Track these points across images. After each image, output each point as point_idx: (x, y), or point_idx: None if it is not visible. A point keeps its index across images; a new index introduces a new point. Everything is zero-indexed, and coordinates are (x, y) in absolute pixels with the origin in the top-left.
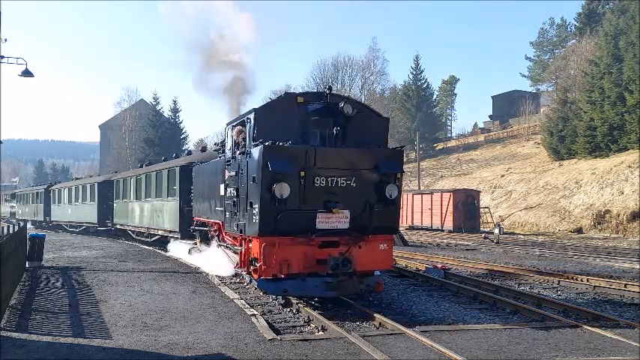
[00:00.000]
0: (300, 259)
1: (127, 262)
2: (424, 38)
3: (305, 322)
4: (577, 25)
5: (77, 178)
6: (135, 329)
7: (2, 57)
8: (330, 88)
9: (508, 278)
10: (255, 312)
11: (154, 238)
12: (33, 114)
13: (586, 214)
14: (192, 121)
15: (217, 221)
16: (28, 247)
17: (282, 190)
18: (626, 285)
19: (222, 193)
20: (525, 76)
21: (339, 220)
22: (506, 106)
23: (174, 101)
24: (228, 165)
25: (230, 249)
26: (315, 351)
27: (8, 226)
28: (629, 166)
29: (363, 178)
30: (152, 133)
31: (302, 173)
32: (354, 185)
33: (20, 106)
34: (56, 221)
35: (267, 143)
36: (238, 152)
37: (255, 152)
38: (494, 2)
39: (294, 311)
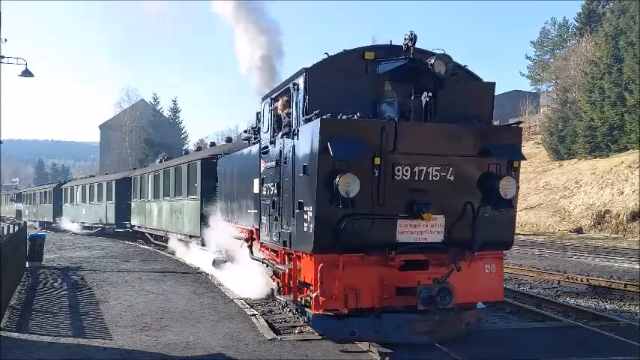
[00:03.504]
0: (373, 286)
1: (128, 262)
2: (424, 38)
3: (305, 322)
4: (577, 25)
5: (91, 176)
6: (135, 329)
7: (2, 57)
8: (413, 38)
9: (508, 278)
10: (255, 312)
11: (171, 243)
12: (33, 114)
13: (586, 214)
14: (192, 121)
15: (249, 227)
16: (28, 247)
17: (350, 185)
18: (626, 285)
19: (255, 190)
20: (525, 76)
21: (429, 230)
22: (506, 105)
23: (174, 101)
24: (264, 153)
25: (266, 264)
26: (315, 351)
27: (8, 226)
28: (629, 166)
29: (465, 168)
30: (152, 133)
31: (377, 160)
32: (452, 179)
33: (20, 106)
34: (68, 222)
35: (325, 116)
36: (280, 134)
37: (308, 130)
38: (494, 2)
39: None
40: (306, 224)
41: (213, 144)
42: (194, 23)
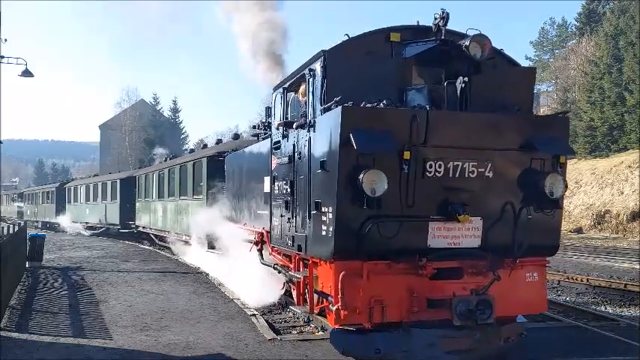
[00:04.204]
0: (401, 298)
1: (128, 262)
2: None
3: (305, 322)
4: (577, 25)
5: (95, 175)
6: (135, 329)
7: (2, 57)
8: (445, 17)
9: None
10: (255, 312)
11: (176, 245)
12: (33, 114)
13: (586, 214)
14: (192, 121)
15: (259, 229)
16: (28, 247)
17: (376, 182)
18: (626, 285)
19: (266, 189)
20: None
21: (465, 233)
22: None
23: (174, 101)
24: (276, 148)
25: (278, 271)
26: (315, 351)
27: (8, 226)
28: (629, 166)
29: (505, 163)
30: (152, 133)
31: (406, 155)
32: (491, 176)
33: (20, 106)
34: (71, 222)
35: (348, 104)
36: (295, 125)
37: (327, 121)
38: (494, 2)
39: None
40: (324, 227)
41: (219, 141)
42: (194, 23)
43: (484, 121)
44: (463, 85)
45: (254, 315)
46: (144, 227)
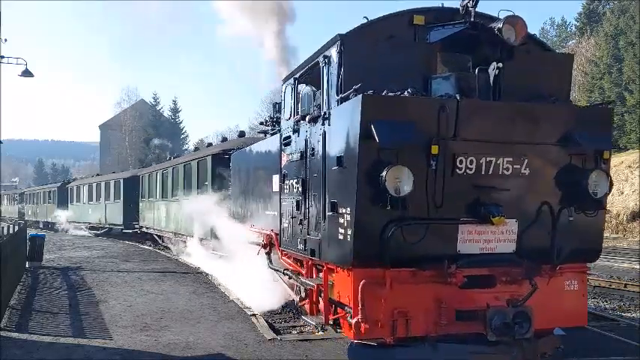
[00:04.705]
0: (428, 309)
1: (128, 262)
2: None
3: (305, 322)
4: (577, 25)
5: (98, 174)
6: (135, 329)
7: (2, 57)
8: None
9: None
10: (255, 312)
11: (180, 246)
12: (33, 114)
13: None
14: (192, 121)
15: (267, 231)
16: (28, 248)
17: (401, 180)
18: (626, 285)
19: (275, 188)
20: None
21: (499, 237)
22: None
23: (174, 101)
24: (286, 144)
25: (289, 277)
26: (315, 351)
27: (8, 226)
28: (629, 166)
29: (542, 159)
30: (152, 133)
31: (434, 149)
32: (527, 173)
33: (20, 106)
34: (73, 222)
35: (368, 92)
36: (308, 118)
37: (345, 112)
38: (494, 2)
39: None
40: (341, 230)
41: (225, 139)
42: (194, 23)
43: (521, 112)
44: (497, 72)
45: (254, 315)
46: (147, 228)
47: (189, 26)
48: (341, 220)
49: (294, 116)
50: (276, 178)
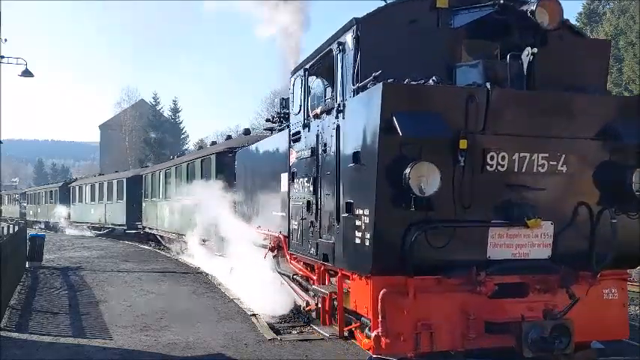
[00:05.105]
0: (454, 321)
1: (128, 262)
2: None
3: (305, 322)
4: (577, 24)
5: (100, 174)
6: (135, 329)
7: (2, 57)
8: None
9: None
10: (255, 312)
11: (184, 247)
12: (33, 114)
13: None
14: (192, 121)
15: (275, 233)
16: (28, 248)
17: (426, 177)
18: None
19: (283, 188)
20: None
21: (533, 241)
22: None
23: (175, 101)
24: (295, 141)
25: (299, 283)
26: (315, 351)
27: (8, 226)
28: None
29: (581, 155)
30: (152, 133)
31: (463, 143)
32: (564, 170)
33: (20, 106)
34: (75, 222)
35: (389, 81)
36: (320, 110)
37: (362, 102)
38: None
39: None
40: (358, 233)
41: (229, 137)
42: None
43: (558, 103)
44: (531, 59)
45: (254, 315)
46: (150, 228)
47: (190, 26)
48: (357, 223)
49: (304, 110)
50: (284, 177)
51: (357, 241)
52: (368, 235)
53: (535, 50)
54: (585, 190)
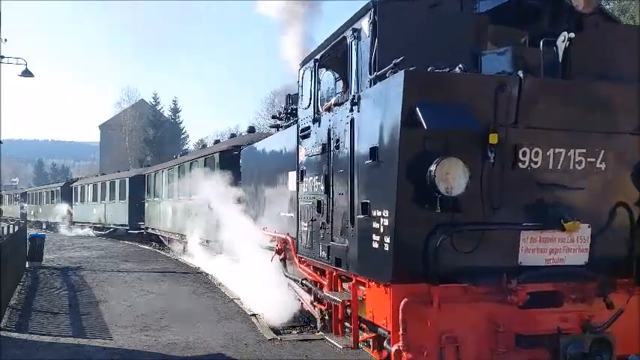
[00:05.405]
0: (482, 333)
1: (127, 262)
2: None
3: (305, 322)
4: None
5: (103, 174)
6: (135, 329)
7: (2, 57)
8: None
9: None
10: (255, 312)
11: (188, 248)
12: (33, 114)
13: None
14: (192, 121)
15: (282, 235)
16: (28, 248)
17: (453, 175)
18: None
19: (291, 187)
20: None
21: (568, 246)
22: None
23: (175, 101)
24: (304, 136)
25: (308, 288)
26: (315, 351)
27: (8, 226)
28: None
29: (620, 151)
30: (152, 133)
31: (493, 138)
32: (603, 167)
33: (20, 106)
34: (77, 222)
35: (411, 68)
36: (333, 102)
37: (381, 92)
38: None
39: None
40: (375, 237)
41: (233, 135)
42: (193, 23)
43: (597, 94)
44: (568, 44)
45: (254, 315)
46: (153, 229)
47: (190, 26)
48: (375, 225)
49: (314, 104)
50: (292, 176)
51: (375, 245)
52: (388, 239)
53: (572, 35)
54: (624, 190)
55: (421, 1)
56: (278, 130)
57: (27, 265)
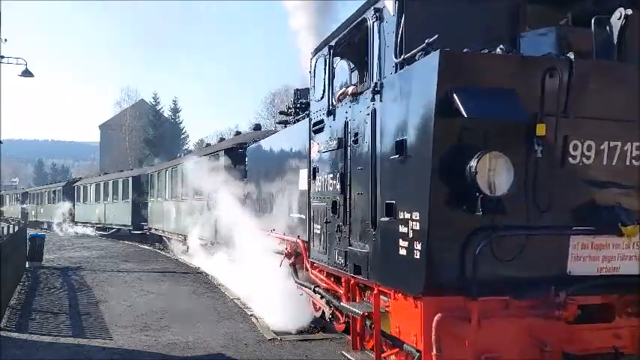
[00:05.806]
0: (525, 352)
1: (127, 262)
2: None
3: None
4: None
5: (105, 173)
6: (135, 329)
7: (2, 57)
8: None
9: None
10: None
11: (191, 249)
12: (33, 114)
13: None
14: (192, 121)
15: (292, 238)
16: (28, 248)
17: (497, 172)
18: None
19: (303, 186)
20: None
21: (624, 254)
22: None
23: (175, 101)
24: (317, 131)
25: (321, 296)
26: (315, 351)
27: (8, 226)
28: None
29: None
30: (152, 133)
31: (540, 129)
32: None
33: (20, 106)
34: (79, 222)
35: (446, 49)
36: (351, 91)
37: (409, 78)
38: None
39: None
40: (403, 242)
41: (238, 133)
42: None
43: None
44: (624, 23)
45: (254, 315)
46: (156, 229)
47: (190, 26)
48: (403, 229)
49: (328, 95)
50: (303, 174)
51: (402, 252)
52: (419, 246)
53: (630, 12)
54: None
55: None
56: (286, 127)
57: (27, 265)
